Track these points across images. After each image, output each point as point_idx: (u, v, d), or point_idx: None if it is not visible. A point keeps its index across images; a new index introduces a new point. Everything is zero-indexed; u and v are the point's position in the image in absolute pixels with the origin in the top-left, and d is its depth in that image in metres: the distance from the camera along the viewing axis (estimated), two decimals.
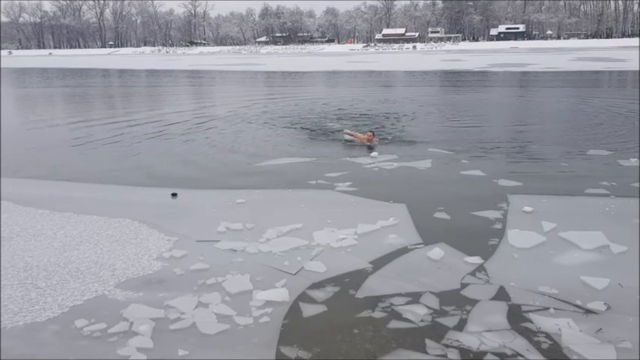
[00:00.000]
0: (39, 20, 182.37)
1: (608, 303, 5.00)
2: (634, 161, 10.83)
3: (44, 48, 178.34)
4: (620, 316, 4.79)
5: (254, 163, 11.60)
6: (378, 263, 6.09)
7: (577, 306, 4.99)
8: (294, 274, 5.82)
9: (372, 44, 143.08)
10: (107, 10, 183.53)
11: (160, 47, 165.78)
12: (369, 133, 13.39)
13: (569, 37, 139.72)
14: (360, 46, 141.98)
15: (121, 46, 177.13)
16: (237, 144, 14.04)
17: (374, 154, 11.86)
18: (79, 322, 4.83)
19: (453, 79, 40.33)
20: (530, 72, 44.91)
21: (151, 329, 4.68)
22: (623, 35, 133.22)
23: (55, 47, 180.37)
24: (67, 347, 4.50)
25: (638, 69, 43.00)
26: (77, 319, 4.89)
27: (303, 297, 5.33)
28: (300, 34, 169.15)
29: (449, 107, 21.46)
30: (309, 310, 5.08)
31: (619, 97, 23.91)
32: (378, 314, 4.95)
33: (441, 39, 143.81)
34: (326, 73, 51.78)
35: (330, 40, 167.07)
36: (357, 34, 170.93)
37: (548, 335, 4.52)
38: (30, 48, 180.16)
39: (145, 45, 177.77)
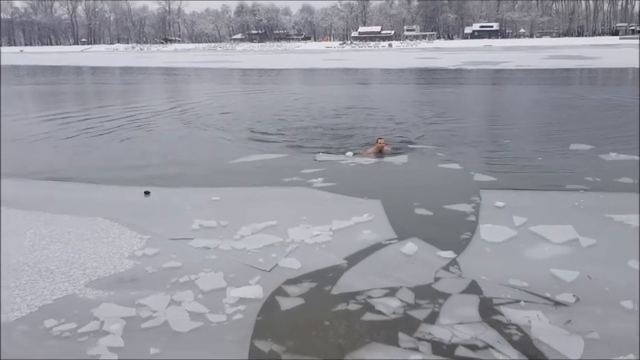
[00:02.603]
0: (9, 17, 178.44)
1: (577, 295, 5.09)
2: (614, 155, 11.06)
3: (15, 45, 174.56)
4: (589, 308, 4.88)
5: (228, 160, 11.54)
6: (353, 259, 6.10)
7: (547, 298, 5.07)
8: (269, 271, 5.80)
9: (349, 42, 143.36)
10: (79, 7, 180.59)
11: (134, 44, 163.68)
12: (380, 141, 11.73)
13: (541, 35, 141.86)
14: (336, 43, 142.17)
15: (94, 43, 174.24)
16: (210, 141, 13.95)
17: (348, 153, 11.81)
18: (48, 322, 4.74)
19: (429, 76, 40.62)
20: (505, 70, 45.48)
21: (122, 328, 4.62)
22: (594, 34, 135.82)
23: (26, 44, 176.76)
24: (36, 347, 4.42)
25: (609, 67, 43.94)
26: (46, 318, 4.81)
27: (278, 293, 5.31)
28: (277, 32, 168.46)
29: (426, 104, 21.63)
30: (283, 307, 5.07)
31: (598, 93, 24.34)
32: (351, 309, 4.96)
33: (416, 37, 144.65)
34: (302, 70, 51.75)
35: (307, 38, 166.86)
36: (333, 31, 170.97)
37: (518, 327, 4.59)
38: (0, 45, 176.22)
39: (118, 42, 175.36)
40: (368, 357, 4.23)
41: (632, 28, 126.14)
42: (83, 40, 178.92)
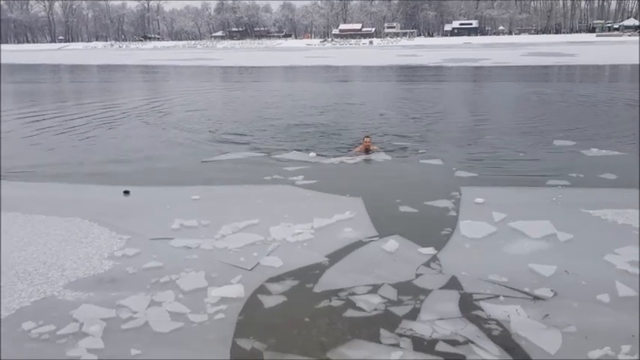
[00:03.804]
0: None
1: (555, 289, 5.17)
2: (595, 151, 11.25)
3: None
4: (566, 302, 4.95)
5: (208, 159, 11.47)
6: (334, 257, 6.11)
7: (525, 293, 5.14)
8: (250, 270, 5.79)
9: (329, 39, 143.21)
10: (56, 4, 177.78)
11: (113, 42, 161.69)
12: (367, 140, 11.63)
13: (520, 32, 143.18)
14: (317, 41, 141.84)
15: (72, 41, 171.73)
16: (189, 139, 13.83)
17: (312, 154, 11.42)
18: (26, 325, 4.68)
19: (410, 73, 40.82)
20: (485, 67, 45.85)
21: (101, 329, 4.58)
22: (572, 31, 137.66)
23: (1, 42, 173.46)
24: (14, 350, 4.35)
25: (586, 64, 44.57)
26: (25, 321, 4.74)
27: (259, 292, 5.31)
28: (257, 29, 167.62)
29: (408, 101, 21.72)
30: (264, 305, 5.06)
31: (577, 90, 24.64)
32: (333, 307, 4.98)
33: (396, 34, 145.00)
34: (284, 68, 51.63)
35: (287, 35, 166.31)
36: (314, 29, 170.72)
37: (497, 322, 4.64)
38: None
39: (96, 40, 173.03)
40: (350, 354, 4.25)
41: (609, 25, 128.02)
42: (60, 37, 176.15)
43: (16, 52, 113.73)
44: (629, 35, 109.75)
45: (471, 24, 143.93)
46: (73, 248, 6.43)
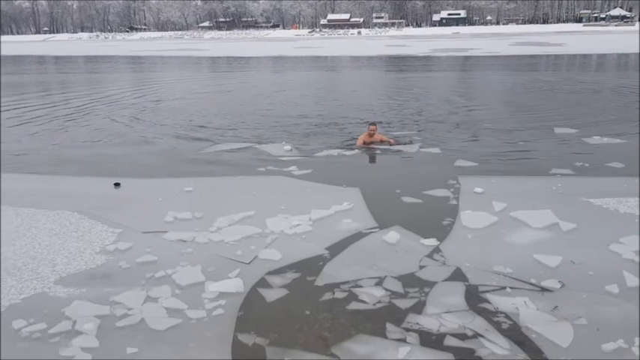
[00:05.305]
0: None
1: (562, 280, 5.05)
2: (597, 139, 11.16)
3: None
4: (575, 293, 4.84)
5: (199, 150, 11.24)
6: (334, 249, 5.95)
7: (532, 284, 5.01)
8: (248, 264, 5.62)
9: (318, 30, 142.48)
10: None
11: (99, 33, 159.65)
12: (371, 127, 11.13)
13: (507, 22, 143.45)
14: (305, 31, 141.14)
15: (57, 32, 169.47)
16: (179, 130, 13.57)
17: (287, 147, 10.92)
18: (16, 323, 4.48)
19: (400, 63, 40.62)
20: (474, 56, 45.77)
21: (96, 327, 4.39)
22: (559, 21, 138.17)
23: None
24: (4, 350, 4.16)
25: (574, 53, 44.66)
26: (15, 319, 4.54)
27: (259, 286, 5.14)
28: (245, 19, 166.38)
29: (401, 91, 21.54)
30: (265, 300, 4.90)
31: (573, 77, 24.62)
32: (336, 301, 4.83)
33: (385, 24, 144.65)
34: (272, 58, 51.22)
35: (275, 26, 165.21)
36: (302, 19, 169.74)
37: (506, 315, 4.51)
38: None
39: (82, 31, 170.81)
40: (355, 349, 4.10)
41: (595, 15, 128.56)
42: (45, 29, 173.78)
43: (2, 44, 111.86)
44: (616, 25, 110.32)
45: (459, 14, 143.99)
46: (64, 242, 6.22)
